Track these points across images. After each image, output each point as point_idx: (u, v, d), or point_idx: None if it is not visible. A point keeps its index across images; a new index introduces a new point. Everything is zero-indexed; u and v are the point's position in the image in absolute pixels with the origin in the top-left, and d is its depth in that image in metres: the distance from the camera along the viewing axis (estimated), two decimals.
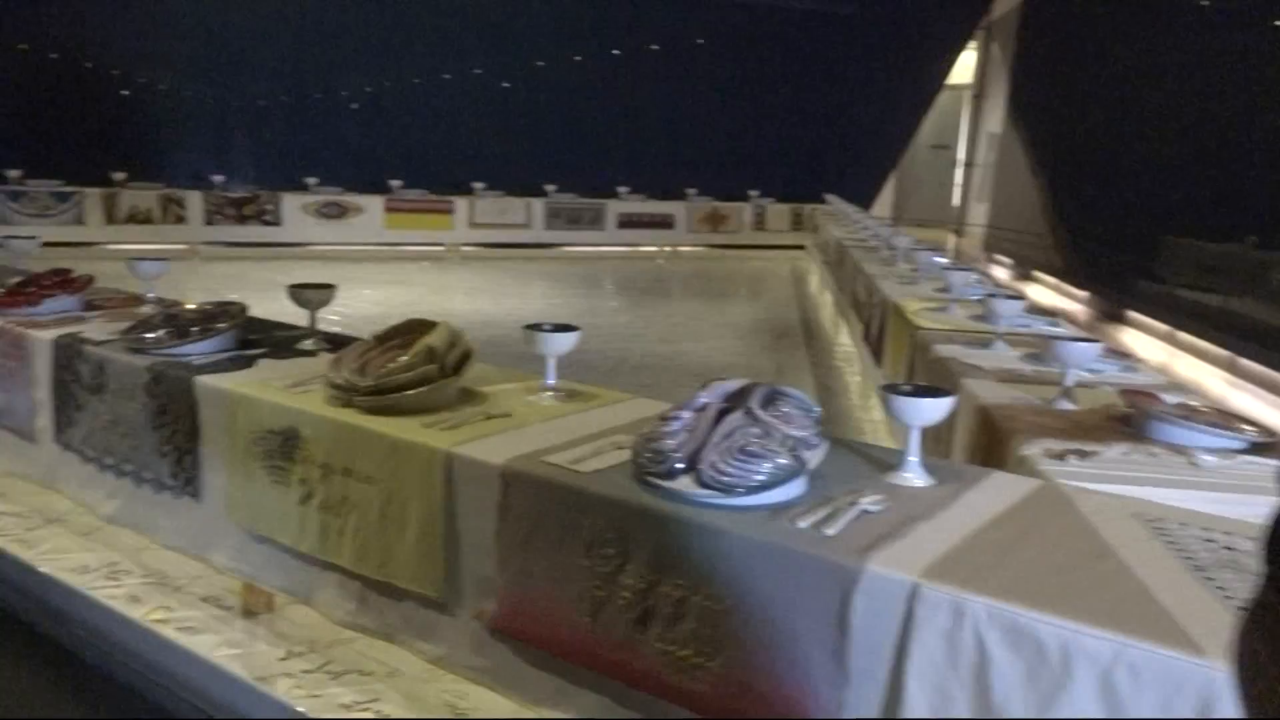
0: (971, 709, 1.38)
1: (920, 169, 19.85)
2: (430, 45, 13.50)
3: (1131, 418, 2.23)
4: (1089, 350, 2.45)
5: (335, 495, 2.16)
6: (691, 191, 13.65)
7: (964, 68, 17.78)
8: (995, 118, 17.11)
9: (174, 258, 11.80)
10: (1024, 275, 13.74)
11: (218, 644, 2.48)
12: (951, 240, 17.56)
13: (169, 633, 2.45)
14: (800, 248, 13.22)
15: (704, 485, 1.65)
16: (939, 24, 15.45)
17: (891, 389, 1.82)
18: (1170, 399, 2.36)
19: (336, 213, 11.98)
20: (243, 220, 11.61)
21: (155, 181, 11.59)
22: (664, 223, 13.39)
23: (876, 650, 1.46)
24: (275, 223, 11.77)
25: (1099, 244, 13.08)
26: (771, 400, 1.79)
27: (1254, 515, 1.76)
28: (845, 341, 6.52)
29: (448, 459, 1.95)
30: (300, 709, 2.15)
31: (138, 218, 11.25)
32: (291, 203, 11.83)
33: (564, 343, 2.29)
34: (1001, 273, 14.65)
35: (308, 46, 13.12)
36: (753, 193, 13.84)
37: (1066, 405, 2.40)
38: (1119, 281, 12.34)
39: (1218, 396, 7.17)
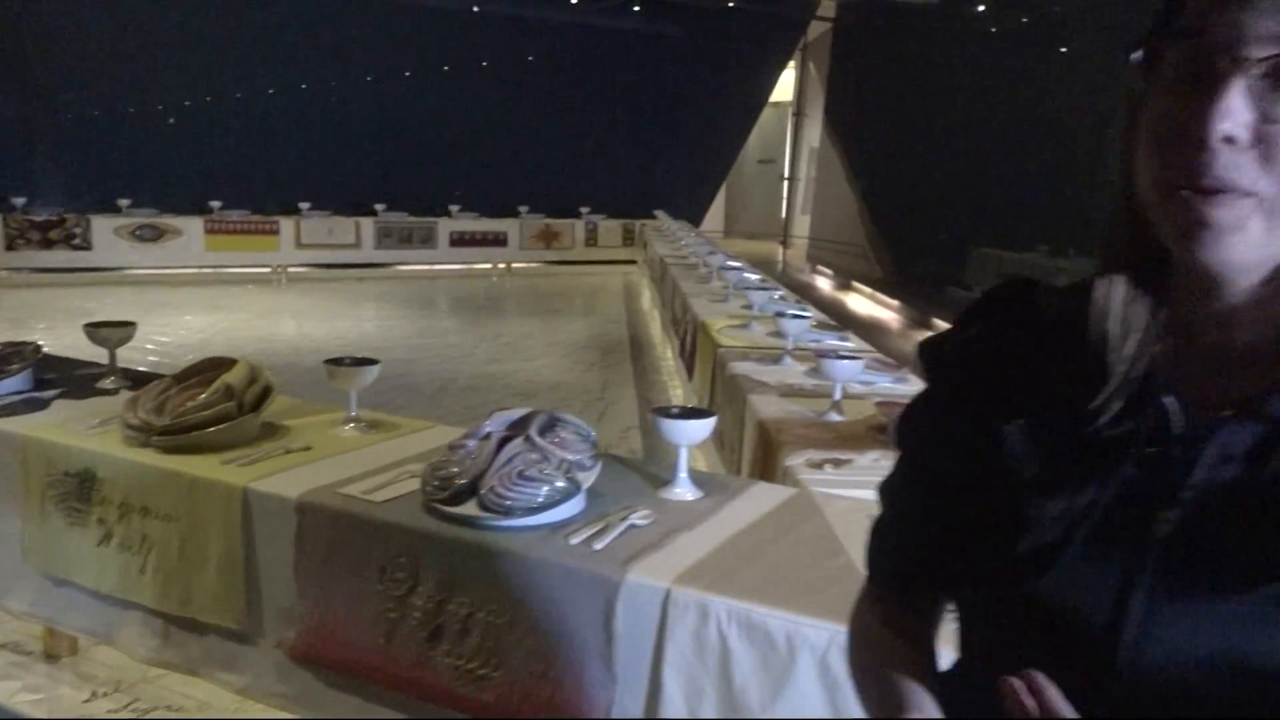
0: (718, 698, 1.56)
1: (749, 183, 20.59)
2: (255, 57, 13.11)
3: (886, 426, 2.49)
4: (853, 367, 2.71)
5: (135, 534, 2.18)
6: (524, 209, 13.76)
7: (786, 85, 18.58)
8: (814, 133, 17.96)
9: None
10: (844, 285, 14.46)
11: (18, 690, 2.46)
12: (779, 252, 18.30)
13: None
14: (633, 263, 13.53)
15: (486, 509, 1.79)
16: (760, 44, 16.07)
17: (659, 411, 2.00)
18: None
19: (153, 236, 11.51)
20: (49, 245, 10.98)
21: None
22: (497, 240, 13.44)
23: (639, 651, 1.63)
24: (85, 247, 11.20)
25: (912, 254, 13.90)
26: (550, 427, 1.94)
27: None
28: (670, 357, 6.78)
29: (245, 494, 2.02)
30: None
31: None
32: (103, 226, 11.29)
33: (365, 376, 2.38)
34: (824, 283, 15.37)
35: (121, 56, 12.50)
36: (585, 209, 14.07)
37: (834, 417, 2.65)
38: (930, 290, 13.16)
39: None
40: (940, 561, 0.80)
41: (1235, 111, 0.60)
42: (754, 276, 6.37)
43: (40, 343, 2.87)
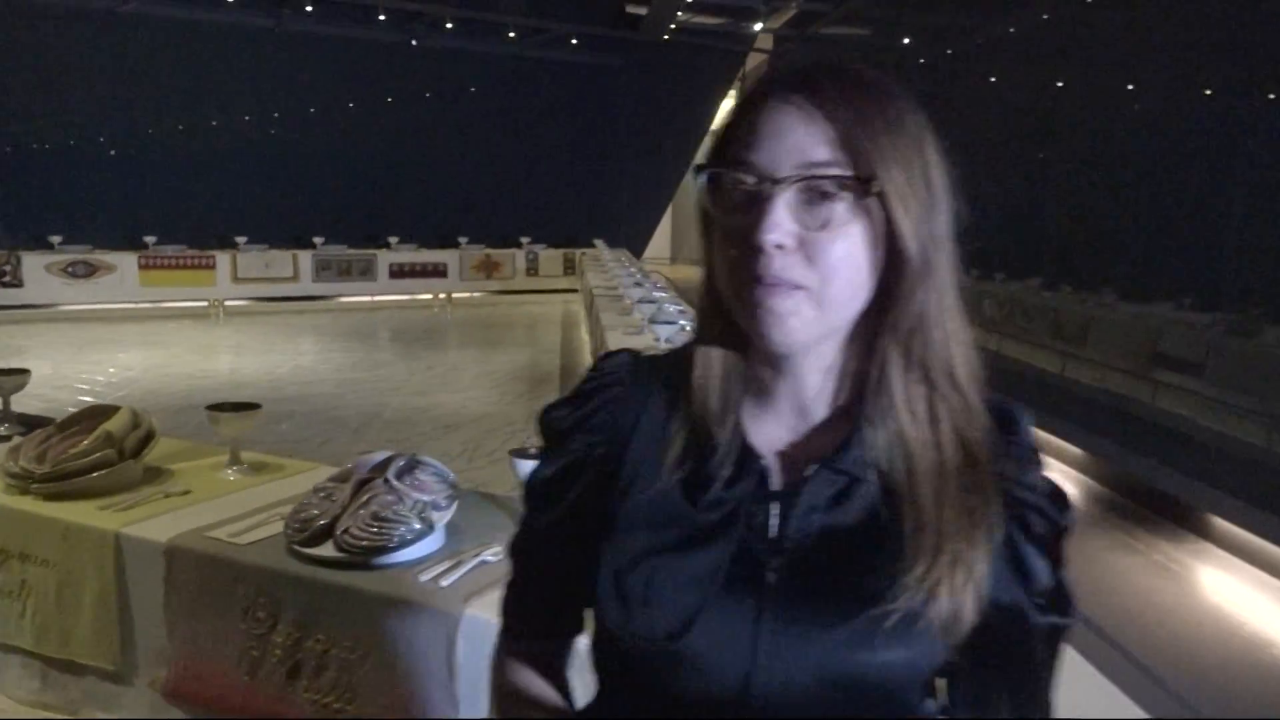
0: None
1: (694, 210, 20.80)
2: (194, 89, 13.08)
3: None
4: None
5: (14, 580, 2.24)
6: (464, 240, 13.85)
7: (726, 113, 18.87)
8: None
9: None
10: None
11: None
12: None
13: None
14: (574, 291, 13.67)
15: (341, 549, 1.88)
16: (699, 75, 16.35)
17: (517, 453, 2.11)
18: None
19: (85, 272, 11.46)
20: None
21: None
22: (437, 271, 13.53)
23: (479, 682, 1.73)
24: (16, 284, 11.12)
25: None
26: (410, 470, 2.04)
27: None
28: None
29: (117, 539, 2.10)
30: None
31: None
32: (34, 262, 11.23)
33: (242, 423, 2.46)
34: None
35: (55, 89, 12.42)
36: (525, 239, 14.19)
37: None
38: None
39: None
40: (576, 617, 0.92)
41: (781, 224, 0.74)
42: (674, 308, 6.51)
43: None
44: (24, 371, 2.93)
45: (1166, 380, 7.57)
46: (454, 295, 13.76)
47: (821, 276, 0.74)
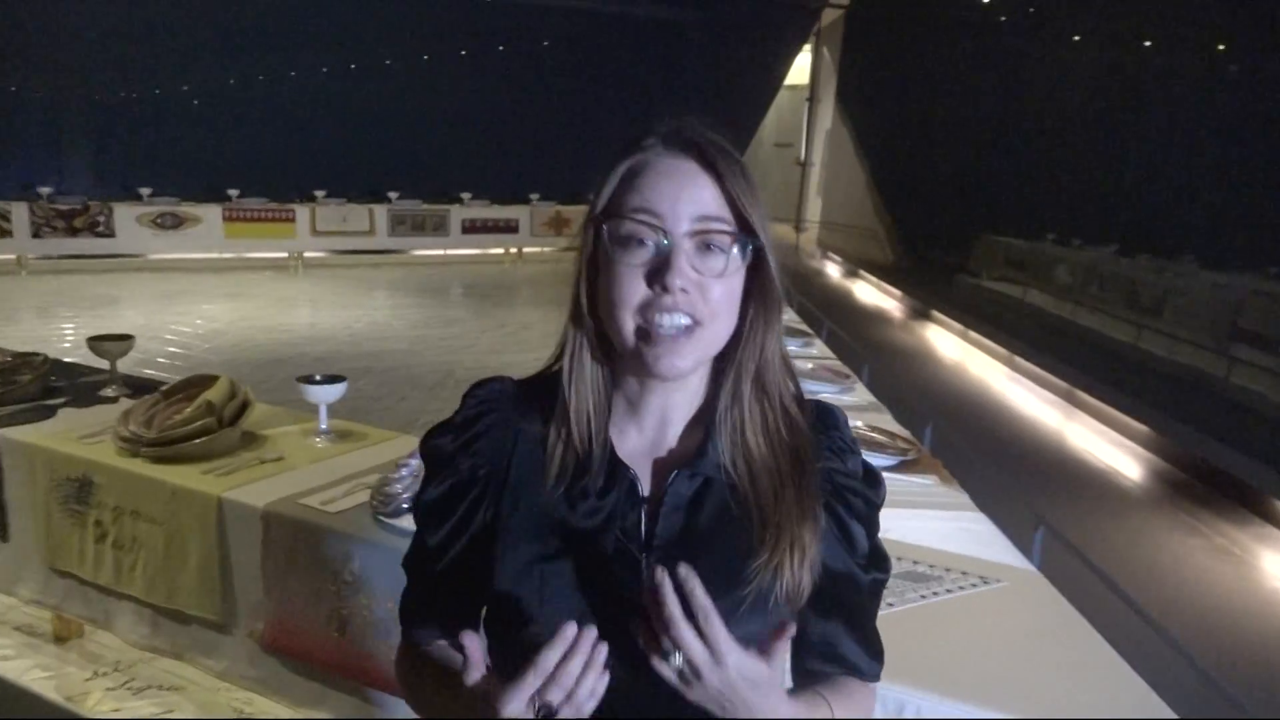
0: None
1: (765, 167, 20.67)
2: (276, 44, 13.28)
3: None
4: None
5: (126, 534, 2.46)
6: (535, 196, 13.99)
7: (804, 68, 18.64)
8: (828, 118, 18.03)
9: None
10: (851, 273, 14.60)
11: (30, 668, 2.75)
12: (794, 236, 18.43)
13: None
14: None
15: None
16: (775, 29, 16.15)
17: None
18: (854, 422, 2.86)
19: (173, 223, 11.85)
20: (74, 233, 11.35)
21: None
22: (508, 227, 13.70)
23: None
24: (109, 234, 11.55)
25: (922, 239, 14.00)
26: None
27: (883, 531, 2.24)
28: None
29: (219, 503, 2.29)
30: None
31: None
32: (125, 214, 11.64)
33: (332, 393, 2.63)
34: (833, 269, 15.51)
35: (142, 44, 12.76)
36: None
37: None
38: (937, 276, 13.27)
39: (998, 392, 7.96)
40: (471, 617, 1.02)
41: (685, 271, 0.88)
42: None
43: (45, 354, 3.15)
44: (128, 337, 3.15)
45: (1243, 356, 7.42)
46: (524, 250, 13.94)
47: (711, 314, 0.89)
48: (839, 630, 1.01)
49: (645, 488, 0.95)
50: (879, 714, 1.11)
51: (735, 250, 0.90)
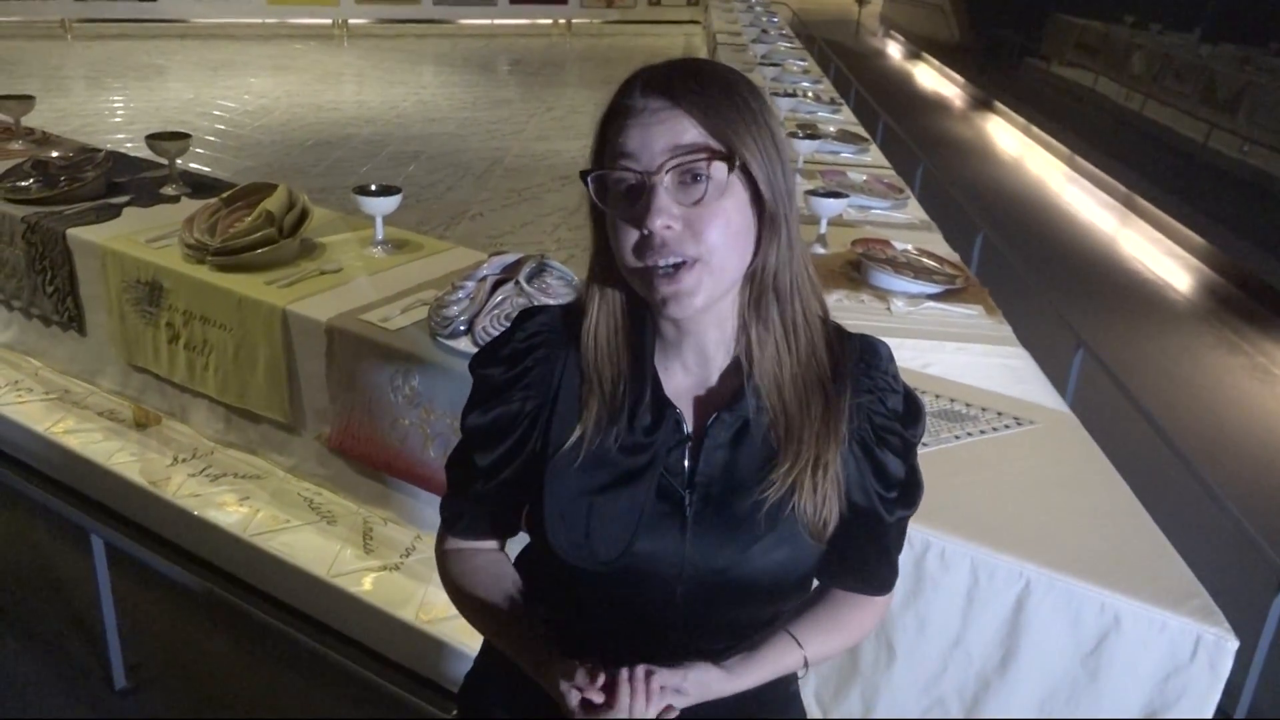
0: None
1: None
2: None
3: (859, 264, 2.74)
4: (837, 205, 2.90)
5: (197, 337, 2.58)
6: None
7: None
8: None
9: (45, 35, 11.30)
10: (913, 54, 13.96)
11: (116, 451, 2.96)
12: (856, 10, 17.51)
13: (73, 444, 2.93)
14: (696, 23, 13.19)
15: (477, 345, 2.12)
16: None
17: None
18: (898, 246, 2.87)
19: None
20: None
21: None
22: None
23: None
24: None
25: (991, 15, 13.24)
26: (538, 274, 2.24)
27: (923, 364, 2.29)
28: None
29: (284, 315, 2.39)
30: (186, 505, 2.68)
31: None
32: None
33: (387, 205, 2.66)
34: (895, 50, 14.83)
35: None
36: None
37: (819, 250, 2.89)
38: (1003, 59, 12.64)
39: (1054, 193, 7.76)
40: (511, 527, 1.09)
41: (666, 208, 0.87)
42: (799, 65, 6.34)
43: (108, 148, 3.19)
44: (185, 136, 3.17)
45: None
46: (573, 22, 13.44)
47: (708, 246, 0.88)
48: (858, 562, 1.04)
49: (689, 425, 0.98)
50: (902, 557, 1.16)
51: (716, 173, 0.87)
